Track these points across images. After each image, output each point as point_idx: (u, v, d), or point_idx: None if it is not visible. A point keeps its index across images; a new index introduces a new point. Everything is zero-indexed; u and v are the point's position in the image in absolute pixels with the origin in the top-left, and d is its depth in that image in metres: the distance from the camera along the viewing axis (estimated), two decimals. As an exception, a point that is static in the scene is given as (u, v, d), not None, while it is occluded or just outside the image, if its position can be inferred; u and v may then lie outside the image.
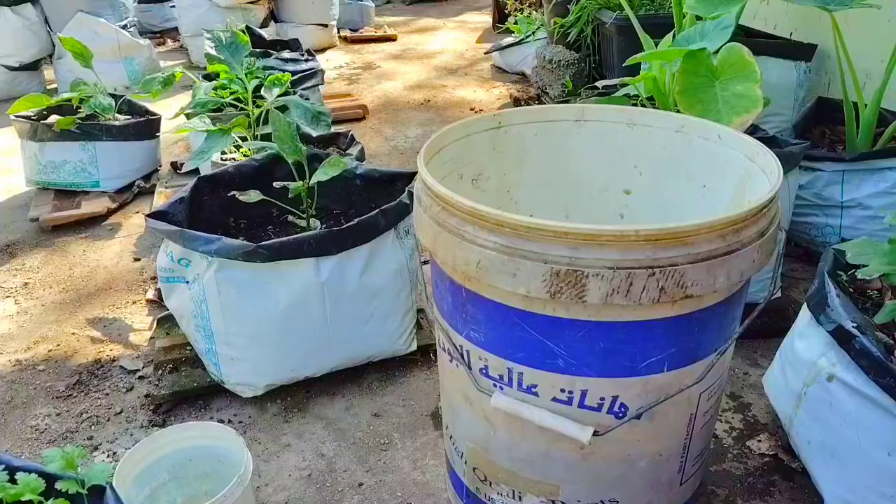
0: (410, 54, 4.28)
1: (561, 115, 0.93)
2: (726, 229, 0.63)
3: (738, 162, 0.82)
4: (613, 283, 0.61)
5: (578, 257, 0.61)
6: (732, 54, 1.25)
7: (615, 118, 0.92)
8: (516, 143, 0.94)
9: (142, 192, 2.36)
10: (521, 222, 0.62)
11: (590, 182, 0.96)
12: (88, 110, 2.27)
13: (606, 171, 0.94)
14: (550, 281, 0.62)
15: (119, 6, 3.76)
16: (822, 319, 1.00)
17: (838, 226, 1.64)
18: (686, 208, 0.89)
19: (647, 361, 0.69)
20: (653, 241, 0.61)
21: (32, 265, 1.96)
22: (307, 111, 1.71)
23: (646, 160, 0.92)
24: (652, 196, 0.93)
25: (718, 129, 0.83)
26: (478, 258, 0.66)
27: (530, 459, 0.80)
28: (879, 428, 0.91)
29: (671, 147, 0.88)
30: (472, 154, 0.92)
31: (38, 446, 1.29)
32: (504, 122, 0.92)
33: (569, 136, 0.94)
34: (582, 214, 0.98)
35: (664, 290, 0.62)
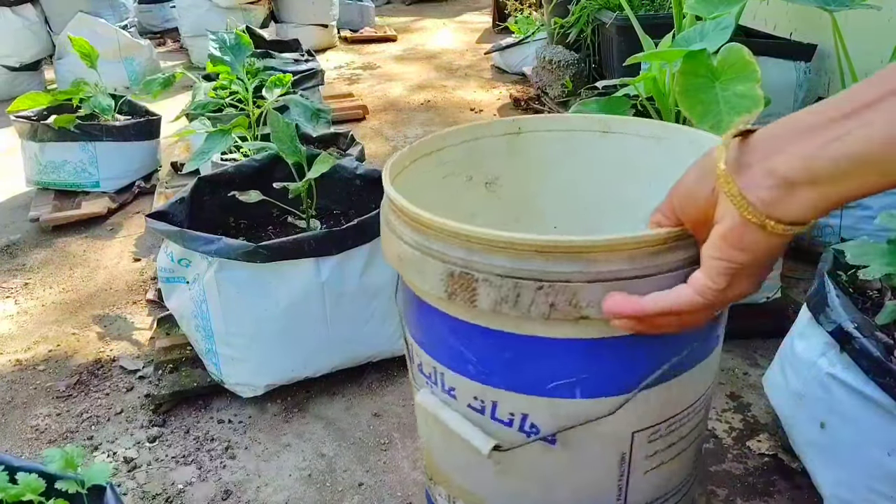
0: (410, 55, 4.28)
1: (585, 126, 0.88)
2: (635, 250, 0.56)
3: None
4: (502, 291, 0.58)
5: (472, 261, 0.59)
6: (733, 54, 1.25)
7: (642, 132, 0.85)
8: (538, 150, 0.90)
9: (142, 193, 2.36)
10: (428, 220, 0.61)
11: (618, 200, 0.91)
12: (88, 110, 2.27)
13: (631, 189, 0.88)
14: (447, 281, 0.61)
15: (119, 6, 3.77)
16: (822, 319, 1.00)
17: (838, 225, 1.64)
18: None
19: (556, 383, 0.65)
20: (543, 252, 0.56)
21: (32, 265, 1.96)
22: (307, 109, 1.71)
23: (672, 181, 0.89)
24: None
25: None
26: (399, 251, 0.66)
27: (459, 465, 0.78)
28: (879, 428, 0.91)
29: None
30: (489, 156, 0.89)
31: (38, 446, 1.29)
32: (524, 127, 0.89)
33: (596, 149, 0.89)
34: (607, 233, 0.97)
35: (554, 307, 0.58)
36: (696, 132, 0.81)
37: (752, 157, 0.48)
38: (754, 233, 0.48)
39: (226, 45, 1.92)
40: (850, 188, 0.44)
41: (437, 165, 0.84)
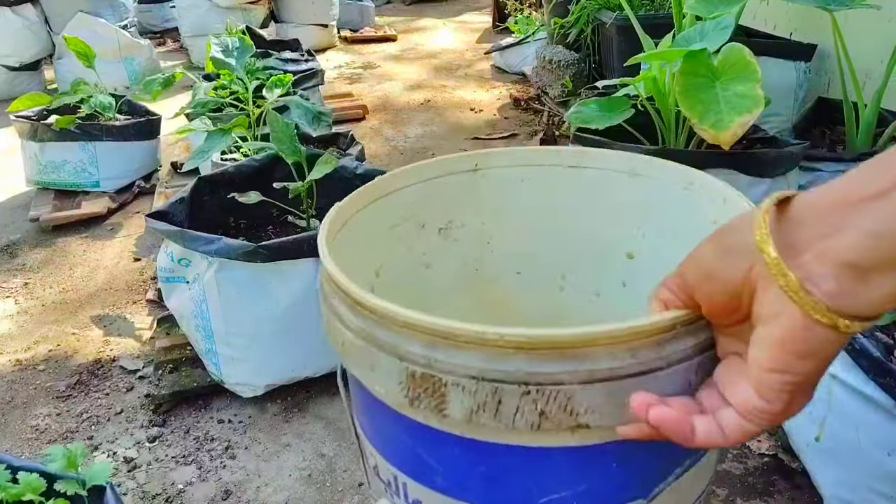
0: (410, 54, 4.28)
1: (552, 160, 0.79)
2: (637, 341, 0.45)
3: None
4: (478, 397, 0.47)
5: (437, 359, 0.47)
6: (733, 54, 1.25)
7: (617, 166, 0.76)
8: (499, 189, 0.80)
9: (142, 193, 2.36)
10: (374, 305, 0.49)
11: (586, 239, 0.81)
12: (89, 110, 2.27)
13: (607, 228, 0.80)
14: (407, 384, 0.49)
15: (119, 6, 3.76)
16: (822, 319, 1.00)
17: (838, 226, 1.64)
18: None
19: (548, 498, 0.53)
20: (525, 349, 0.45)
21: (32, 265, 1.96)
22: (308, 111, 1.71)
23: (649, 220, 0.76)
24: (656, 264, 0.77)
25: (725, 191, 0.66)
26: (342, 339, 0.53)
27: None
28: (879, 428, 0.91)
29: (676, 207, 0.72)
30: (441, 199, 0.78)
31: (38, 446, 1.29)
32: (482, 164, 0.78)
33: (562, 184, 0.79)
34: (580, 278, 0.83)
35: (546, 416, 0.46)
36: (677, 167, 0.72)
37: (802, 237, 0.38)
38: (823, 334, 0.37)
39: (229, 48, 1.92)
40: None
41: (385, 213, 0.73)
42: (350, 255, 0.62)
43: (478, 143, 2.73)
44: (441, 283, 0.80)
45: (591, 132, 1.47)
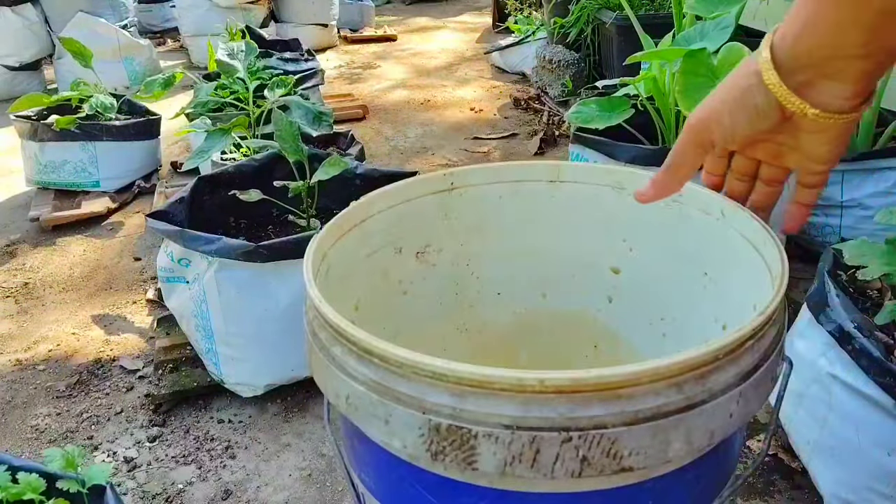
0: (410, 54, 4.28)
1: (531, 175, 0.76)
2: (682, 376, 0.44)
3: (745, 251, 0.65)
4: (513, 447, 0.43)
5: (464, 409, 0.43)
6: (733, 54, 1.25)
7: (599, 180, 0.74)
8: (476, 208, 0.76)
9: (142, 192, 2.36)
10: (392, 354, 0.45)
11: (570, 256, 0.80)
12: (89, 110, 2.27)
13: (590, 243, 0.78)
14: (430, 437, 0.45)
15: (119, 6, 3.76)
16: (822, 319, 1.00)
17: (838, 225, 1.64)
18: (685, 299, 0.74)
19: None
20: (566, 392, 0.43)
21: (32, 265, 1.96)
22: (308, 111, 1.71)
23: (637, 233, 0.75)
24: (645, 279, 0.77)
25: (722, 203, 0.65)
26: (347, 392, 0.49)
27: None
28: (879, 428, 0.91)
29: (665, 219, 0.71)
30: (417, 221, 0.74)
31: (38, 446, 1.29)
32: (458, 182, 0.74)
33: (542, 200, 0.77)
34: (563, 296, 0.81)
35: (588, 462, 0.43)
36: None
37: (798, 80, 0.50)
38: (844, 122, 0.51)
39: (234, 52, 1.93)
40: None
41: (362, 241, 0.70)
42: (331, 289, 0.58)
43: (478, 143, 2.73)
44: (420, 310, 0.76)
45: (591, 132, 1.47)
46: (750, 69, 0.50)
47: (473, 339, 0.81)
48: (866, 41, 0.44)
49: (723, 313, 0.68)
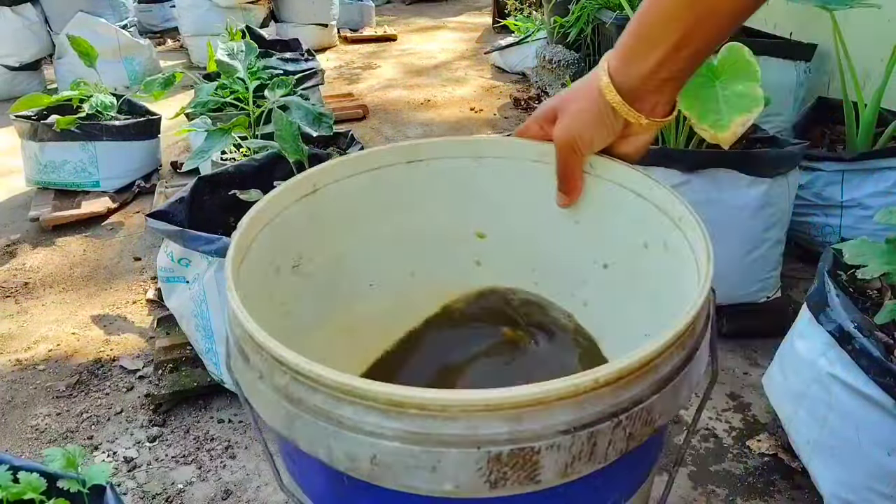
0: (410, 54, 4.28)
1: (389, 160, 0.75)
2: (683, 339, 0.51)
3: (623, 195, 0.69)
4: (573, 449, 0.45)
5: (522, 430, 0.44)
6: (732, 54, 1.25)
7: (456, 152, 0.76)
8: (339, 205, 0.75)
9: (142, 192, 2.36)
10: (434, 400, 0.43)
11: (438, 232, 0.80)
12: (89, 110, 2.27)
13: (455, 216, 0.79)
14: (489, 468, 0.44)
15: (119, 6, 3.76)
16: (822, 319, 1.00)
17: (838, 225, 1.64)
18: (557, 246, 0.76)
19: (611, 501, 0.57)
20: (612, 383, 0.46)
21: (32, 265, 1.96)
22: (309, 112, 1.71)
23: (500, 198, 0.77)
24: (514, 240, 0.79)
25: (594, 159, 0.70)
26: (371, 453, 0.45)
27: None
28: (879, 428, 0.91)
29: (531, 181, 0.73)
30: (288, 234, 0.70)
31: (38, 446, 1.29)
32: (319, 182, 0.72)
33: (402, 183, 0.76)
34: (430, 271, 0.82)
35: (632, 436, 0.48)
36: (526, 144, 0.73)
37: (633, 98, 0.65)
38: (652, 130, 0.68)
39: (234, 52, 1.93)
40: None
41: (249, 271, 0.66)
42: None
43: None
44: (301, 326, 0.73)
45: (591, 132, 1.47)
46: (595, 94, 0.63)
47: (355, 337, 0.80)
48: (661, 73, 0.61)
49: (601, 254, 0.74)
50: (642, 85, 0.62)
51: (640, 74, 0.61)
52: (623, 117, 0.64)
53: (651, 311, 0.70)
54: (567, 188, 0.71)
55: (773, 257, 1.47)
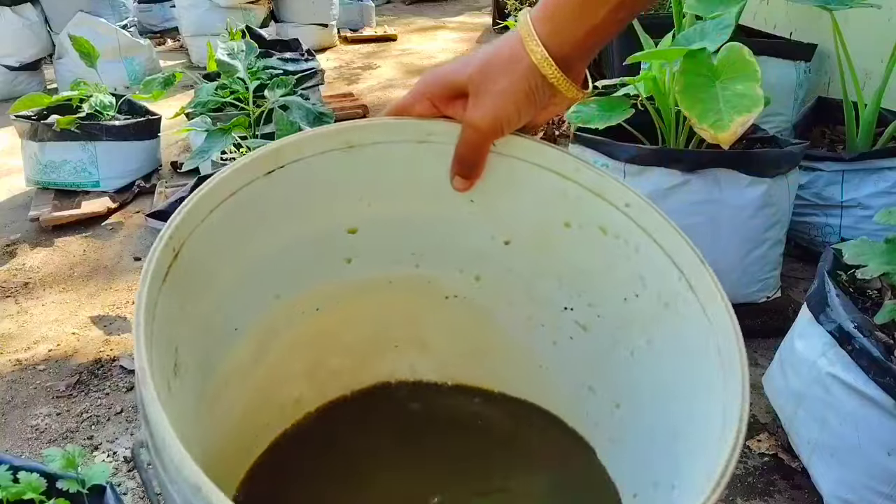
0: (411, 54, 4.28)
1: (244, 179, 0.59)
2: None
3: (524, 170, 0.63)
4: None
5: None
6: (733, 54, 1.25)
7: (325, 146, 0.63)
8: (197, 270, 0.57)
9: (142, 192, 2.36)
10: None
11: (297, 243, 0.67)
12: (89, 110, 2.27)
13: (320, 218, 0.67)
14: None
15: (119, 6, 3.76)
16: (822, 319, 1.00)
17: (838, 225, 1.64)
18: (443, 230, 0.69)
19: None
20: None
21: (32, 265, 1.96)
22: (309, 112, 1.71)
23: (376, 187, 0.67)
24: (388, 227, 0.69)
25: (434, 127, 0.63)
26: None
27: None
28: (879, 428, 0.91)
29: (414, 162, 0.65)
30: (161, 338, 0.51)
31: (38, 446, 1.29)
32: (178, 239, 0.54)
33: (260, 201, 0.61)
34: (295, 286, 0.69)
35: None
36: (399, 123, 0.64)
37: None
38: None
39: (234, 51, 1.93)
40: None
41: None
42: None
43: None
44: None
45: (591, 132, 1.47)
46: (523, 69, 0.55)
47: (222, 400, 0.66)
48: (595, 37, 0.54)
49: (501, 230, 0.68)
50: (574, 51, 0.54)
51: (575, 39, 0.54)
52: (555, 92, 0.56)
53: (560, 289, 0.67)
54: (472, 172, 0.62)
55: (773, 257, 1.47)
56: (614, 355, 0.65)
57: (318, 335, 0.73)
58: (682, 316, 0.57)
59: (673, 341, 0.58)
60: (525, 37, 0.54)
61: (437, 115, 0.62)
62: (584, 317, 0.67)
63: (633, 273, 0.61)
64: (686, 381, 0.56)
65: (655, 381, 0.61)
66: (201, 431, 0.60)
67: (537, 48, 0.54)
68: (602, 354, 0.67)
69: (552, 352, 0.71)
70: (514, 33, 0.56)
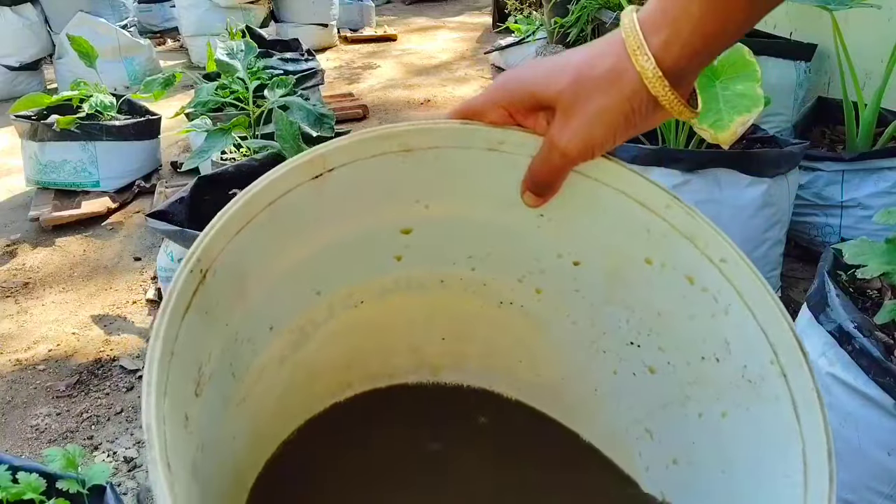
0: (410, 54, 4.28)
1: (288, 184, 0.56)
2: None
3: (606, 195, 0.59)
4: None
5: None
6: (733, 54, 1.25)
7: (379, 149, 0.60)
8: (229, 278, 0.55)
9: (142, 192, 2.36)
10: None
11: (346, 243, 0.66)
12: (89, 110, 2.27)
13: (371, 218, 0.65)
14: None
15: (119, 6, 3.76)
16: (822, 319, 1.00)
17: (838, 225, 1.64)
18: (503, 239, 0.66)
19: None
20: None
21: (33, 265, 1.96)
22: (310, 113, 1.71)
23: (434, 191, 0.64)
24: (446, 229, 0.66)
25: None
26: None
27: None
28: (879, 428, 0.91)
29: (480, 170, 0.61)
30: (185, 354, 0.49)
31: (38, 446, 1.29)
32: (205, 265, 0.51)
33: (308, 205, 0.59)
34: (338, 283, 0.67)
35: None
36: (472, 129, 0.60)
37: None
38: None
39: (234, 51, 1.93)
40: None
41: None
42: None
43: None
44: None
45: (591, 132, 1.47)
46: (628, 87, 0.47)
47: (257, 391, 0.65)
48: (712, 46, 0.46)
49: (572, 250, 0.63)
50: (690, 64, 0.45)
51: (694, 49, 0.45)
52: (659, 109, 0.48)
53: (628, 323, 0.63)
54: (547, 192, 0.57)
55: (773, 257, 1.47)
56: (682, 410, 0.59)
57: (359, 327, 0.71)
58: (767, 403, 0.50)
59: (750, 426, 0.52)
60: (633, 49, 0.46)
61: (512, 125, 0.56)
62: (652, 358, 0.62)
63: (717, 334, 0.54)
64: (759, 475, 0.51)
65: (723, 457, 0.55)
66: (227, 432, 0.59)
67: (648, 64, 0.45)
68: (668, 404, 0.61)
69: (611, 380, 0.65)
70: (615, 40, 0.48)
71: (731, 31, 0.44)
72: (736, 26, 0.44)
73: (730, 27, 0.44)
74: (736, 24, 0.44)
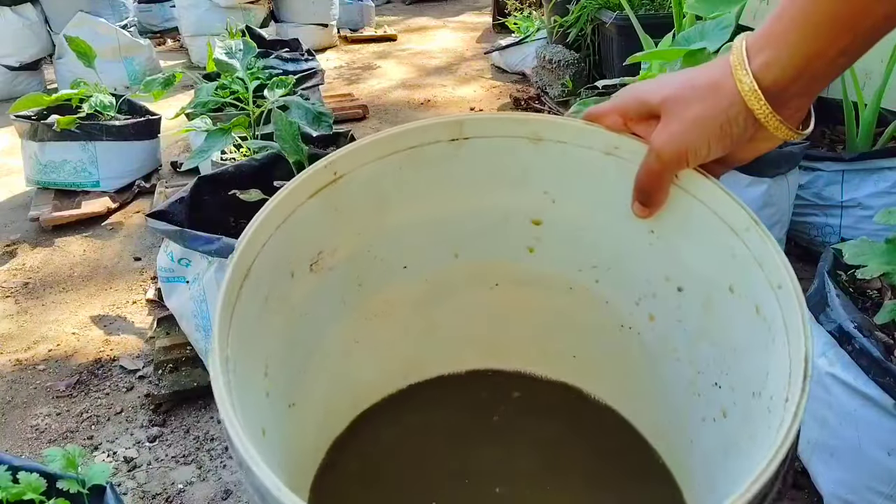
0: (410, 54, 4.28)
1: (430, 137, 0.65)
2: None
3: (705, 217, 0.58)
4: None
5: None
6: (732, 54, 1.25)
7: (512, 131, 0.65)
8: (369, 190, 0.65)
9: (142, 192, 2.36)
10: None
11: (483, 213, 0.71)
12: (89, 110, 2.27)
13: (506, 197, 0.70)
14: None
15: (119, 6, 3.76)
16: (822, 319, 1.00)
17: (838, 225, 1.64)
18: (621, 249, 0.68)
19: None
20: None
21: (32, 265, 1.96)
22: (308, 112, 1.71)
23: (560, 186, 0.68)
24: (572, 229, 0.70)
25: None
26: None
27: None
28: (879, 428, 0.91)
29: (599, 172, 0.64)
30: (303, 233, 0.63)
31: (38, 446, 1.29)
32: (342, 169, 0.62)
33: (446, 161, 0.66)
34: (475, 252, 0.74)
35: None
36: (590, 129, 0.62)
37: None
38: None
39: (232, 51, 1.93)
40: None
41: (253, 290, 0.57)
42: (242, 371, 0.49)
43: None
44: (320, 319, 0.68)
45: (592, 132, 1.47)
46: (725, 99, 0.50)
47: (379, 330, 0.74)
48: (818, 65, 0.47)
49: (677, 274, 0.64)
50: (793, 85, 0.48)
51: (795, 70, 0.47)
52: (760, 128, 0.50)
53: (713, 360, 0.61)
54: (651, 201, 0.59)
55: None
56: (737, 451, 0.56)
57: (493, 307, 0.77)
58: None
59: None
60: (735, 64, 0.49)
61: (626, 131, 0.59)
62: (727, 399, 0.59)
63: (764, 366, 0.52)
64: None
65: None
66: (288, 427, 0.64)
67: (746, 78, 0.48)
68: (728, 448, 0.58)
69: (700, 428, 0.63)
70: (724, 58, 0.51)
71: (832, 55, 0.46)
72: (838, 51, 0.46)
73: (830, 52, 0.46)
74: (837, 49, 0.46)
